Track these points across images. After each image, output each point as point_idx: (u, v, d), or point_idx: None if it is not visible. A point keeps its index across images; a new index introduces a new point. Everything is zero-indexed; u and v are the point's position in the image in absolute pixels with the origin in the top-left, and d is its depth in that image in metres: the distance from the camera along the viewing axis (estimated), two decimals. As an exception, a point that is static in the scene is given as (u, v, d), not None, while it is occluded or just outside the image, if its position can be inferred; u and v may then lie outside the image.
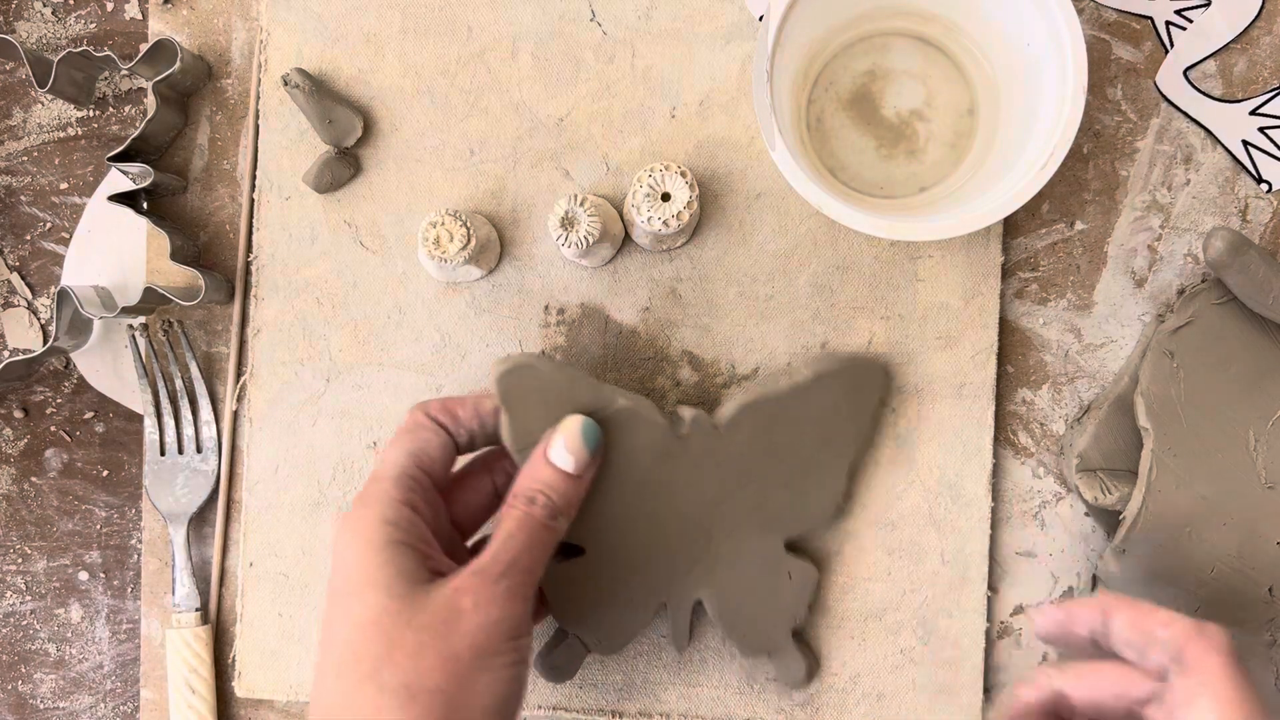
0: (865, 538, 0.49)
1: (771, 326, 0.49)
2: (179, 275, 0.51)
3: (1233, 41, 0.50)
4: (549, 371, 0.43)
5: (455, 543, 0.44)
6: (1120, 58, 0.50)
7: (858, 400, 0.47)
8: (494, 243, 0.49)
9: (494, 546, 0.40)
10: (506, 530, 0.40)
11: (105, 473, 0.52)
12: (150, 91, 0.49)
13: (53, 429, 0.52)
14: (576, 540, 0.45)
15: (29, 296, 0.52)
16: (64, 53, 0.49)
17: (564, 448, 0.42)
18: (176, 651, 0.50)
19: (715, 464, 0.45)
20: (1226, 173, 0.50)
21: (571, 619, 0.46)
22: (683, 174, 0.46)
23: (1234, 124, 0.49)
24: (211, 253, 0.51)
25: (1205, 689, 0.36)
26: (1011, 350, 0.50)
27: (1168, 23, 0.50)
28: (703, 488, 0.45)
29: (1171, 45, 0.50)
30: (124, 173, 0.50)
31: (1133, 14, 0.50)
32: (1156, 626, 0.38)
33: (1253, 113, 0.49)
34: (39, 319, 0.53)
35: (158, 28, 0.52)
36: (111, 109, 0.52)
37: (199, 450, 0.51)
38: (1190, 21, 0.50)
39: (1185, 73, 0.50)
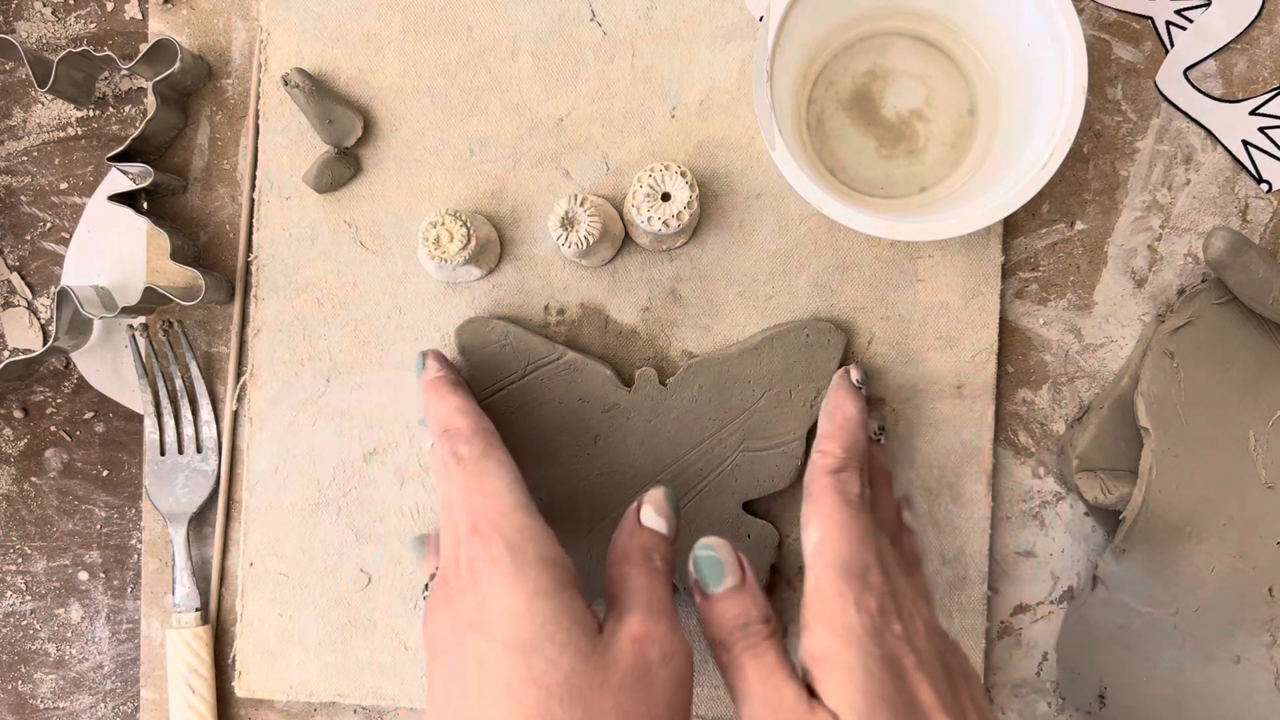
0: (865, 538, 0.49)
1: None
2: (179, 275, 0.51)
3: (1233, 41, 0.50)
4: (503, 326, 0.47)
5: None
6: (1120, 58, 0.50)
7: (813, 360, 0.47)
8: (494, 243, 0.49)
9: (638, 597, 0.37)
10: (639, 584, 0.38)
11: (105, 473, 0.52)
12: (150, 91, 0.49)
13: (53, 429, 0.52)
14: (534, 490, 0.47)
15: (29, 296, 0.52)
16: (64, 53, 0.49)
17: (655, 513, 0.40)
18: (176, 651, 0.50)
19: (666, 422, 0.47)
20: (1227, 173, 0.50)
21: None
22: (683, 174, 0.46)
23: (1234, 124, 0.49)
24: (211, 253, 0.51)
25: (814, 515, 0.39)
26: (1011, 350, 0.50)
27: (1168, 23, 0.50)
28: (655, 446, 0.47)
29: (1171, 45, 0.50)
30: (124, 173, 0.50)
31: (1133, 14, 0.50)
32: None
33: (1253, 113, 0.49)
34: (39, 319, 0.53)
35: (158, 28, 0.52)
36: (111, 109, 0.52)
37: (199, 450, 0.51)
38: (1190, 21, 0.50)
39: (1185, 73, 0.50)
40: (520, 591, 0.35)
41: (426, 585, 0.43)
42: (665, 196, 0.46)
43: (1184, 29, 0.50)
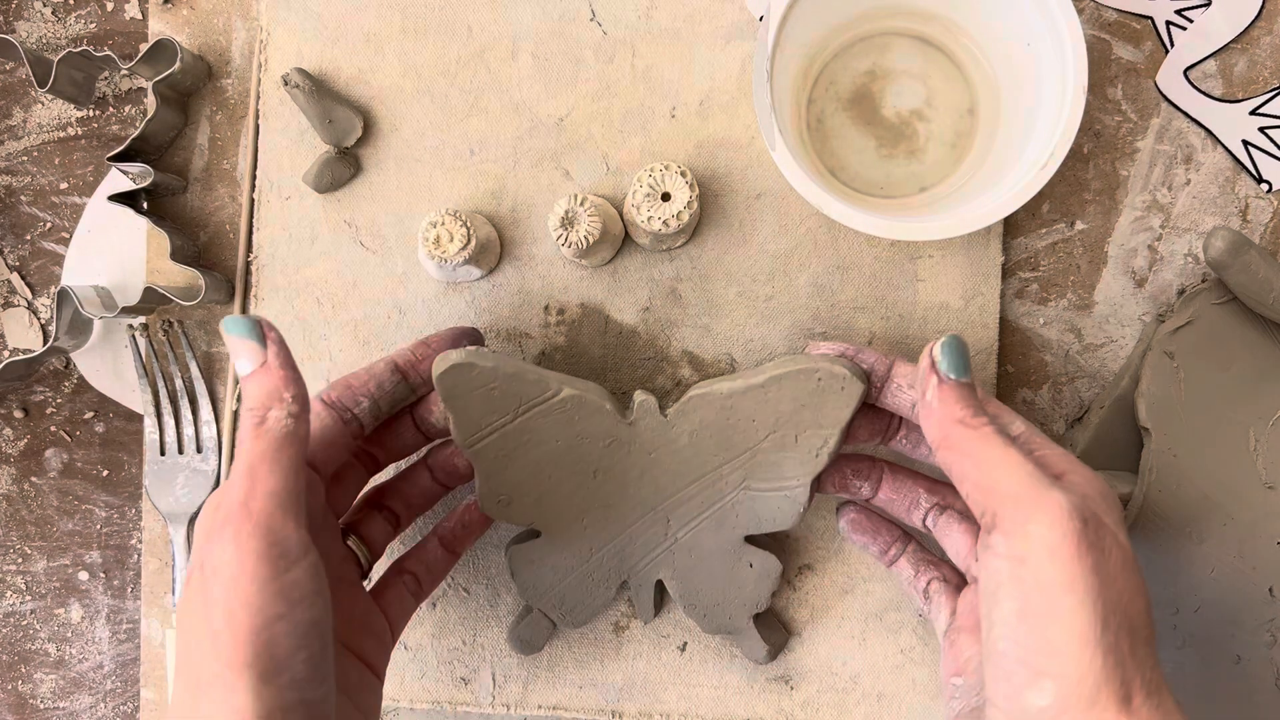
0: (865, 538, 0.49)
1: (771, 326, 0.49)
2: (179, 275, 0.51)
3: (1233, 41, 0.50)
4: (488, 366, 0.43)
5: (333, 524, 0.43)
6: (1120, 57, 0.50)
7: (823, 408, 0.43)
8: (494, 243, 0.49)
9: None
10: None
11: (105, 473, 0.52)
12: (150, 91, 0.49)
13: (53, 429, 0.52)
14: (531, 524, 0.46)
15: (29, 296, 0.52)
16: (64, 52, 0.49)
17: (234, 356, 0.39)
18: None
19: (666, 455, 0.45)
20: (1227, 173, 0.50)
21: (534, 596, 0.47)
22: (683, 174, 0.46)
23: (1234, 124, 0.49)
24: (211, 253, 0.51)
25: (1027, 564, 0.35)
26: (1012, 350, 0.50)
27: (1168, 22, 0.50)
28: (656, 476, 0.45)
29: (1172, 45, 0.50)
30: (124, 173, 0.50)
31: (1133, 14, 0.50)
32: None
33: (1253, 113, 0.49)
34: (39, 319, 0.53)
35: (158, 28, 0.52)
36: (111, 109, 0.52)
37: (199, 450, 0.51)
38: (1190, 21, 0.50)
39: (1185, 72, 0.50)
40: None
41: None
42: (665, 196, 0.46)
43: (1184, 29, 0.50)
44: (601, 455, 0.45)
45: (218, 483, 0.51)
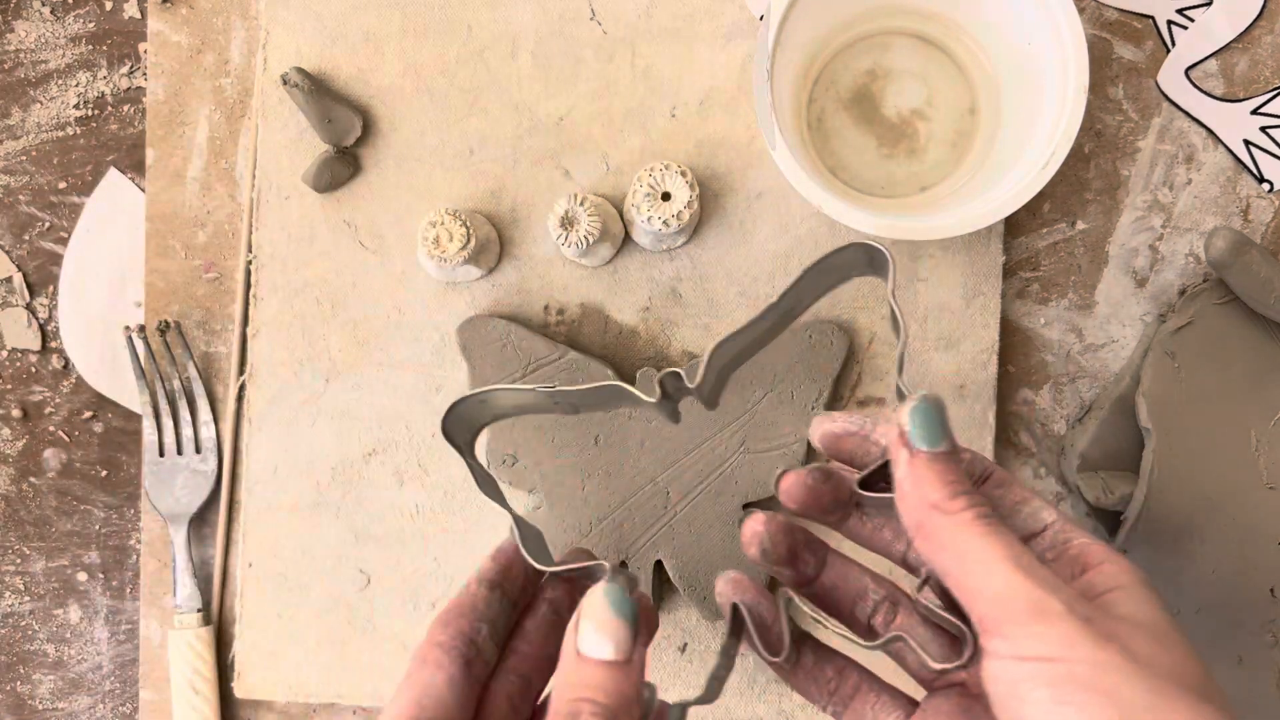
0: (866, 538, 0.49)
1: (772, 326, 0.49)
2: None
3: (1234, 41, 0.50)
4: (504, 325, 0.47)
5: None
6: (1121, 57, 0.50)
7: (815, 361, 0.47)
8: (494, 242, 0.49)
9: None
10: None
11: (104, 473, 0.52)
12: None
13: (51, 429, 0.52)
14: (534, 489, 0.48)
15: (28, 297, 0.52)
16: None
17: (595, 631, 0.31)
18: (179, 653, 0.49)
19: (667, 423, 0.46)
20: (1228, 172, 0.49)
21: None
22: (683, 174, 0.46)
23: (1235, 123, 0.49)
24: (210, 252, 0.51)
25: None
26: (1013, 350, 0.50)
27: (1169, 22, 0.50)
28: (656, 446, 0.47)
29: (1173, 44, 0.50)
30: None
31: (1134, 13, 0.50)
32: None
33: (1254, 112, 0.49)
34: (37, 319, 0.52)
35: (157, 27, 0.51)
36: (111, 108, 0.52)
37: (198, 451, 0.51)
38: (1192, 21, 0.49)
39: (1187, 72, 0.50)
40: None
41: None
42: (665, 196, 0.46)
43: (1185, 28, 0.50)
44: (603, 421, 0.47)
45: (217, 483, 0.51)
